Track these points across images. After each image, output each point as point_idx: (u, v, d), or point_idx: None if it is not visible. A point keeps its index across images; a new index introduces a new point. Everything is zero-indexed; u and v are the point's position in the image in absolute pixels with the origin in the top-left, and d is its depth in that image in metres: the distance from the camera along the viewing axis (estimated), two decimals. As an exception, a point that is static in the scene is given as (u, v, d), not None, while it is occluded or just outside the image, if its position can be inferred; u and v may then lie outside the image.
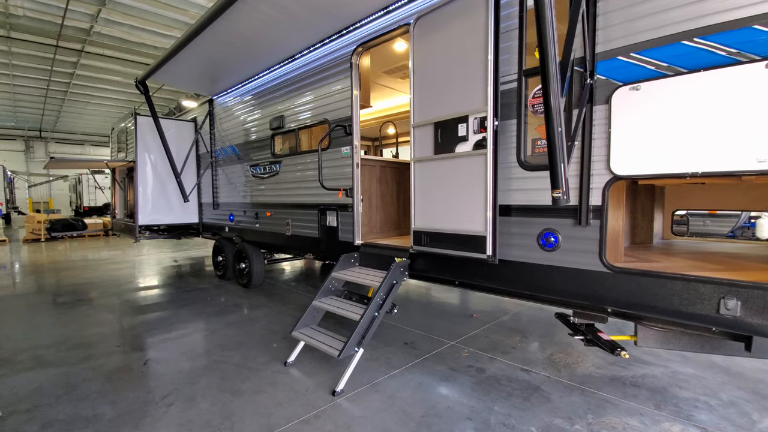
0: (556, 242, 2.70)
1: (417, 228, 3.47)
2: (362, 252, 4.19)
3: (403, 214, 5.17)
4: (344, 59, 4.24)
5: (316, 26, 4.12)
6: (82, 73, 16.48)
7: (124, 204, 8.86)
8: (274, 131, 5.49)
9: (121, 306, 5.70)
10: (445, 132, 3.18)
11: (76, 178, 25.70)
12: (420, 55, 3.39)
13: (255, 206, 6.08)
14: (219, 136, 7.02)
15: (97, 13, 11.63)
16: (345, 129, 4.26)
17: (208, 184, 7.43)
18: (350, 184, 4.29)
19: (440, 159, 3.24)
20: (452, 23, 3.11)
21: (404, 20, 3.59)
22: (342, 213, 4.45)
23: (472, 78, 2.98)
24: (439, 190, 3.26)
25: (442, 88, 3.22)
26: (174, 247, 12.15)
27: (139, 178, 7.17)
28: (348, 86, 4.25)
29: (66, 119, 24.75)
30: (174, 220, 7.65)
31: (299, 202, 5.11)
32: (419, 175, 3.44)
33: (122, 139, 8.45)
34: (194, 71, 5.82)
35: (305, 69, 4.80)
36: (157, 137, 7.23)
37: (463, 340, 4.27)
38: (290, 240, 5.33)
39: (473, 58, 2.97)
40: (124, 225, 8.14)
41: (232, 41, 4.59)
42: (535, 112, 2.76)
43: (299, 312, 5.25)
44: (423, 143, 3.39)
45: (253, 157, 6.03)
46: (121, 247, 12.57)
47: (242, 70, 5.66)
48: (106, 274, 8.16)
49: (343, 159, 4.37)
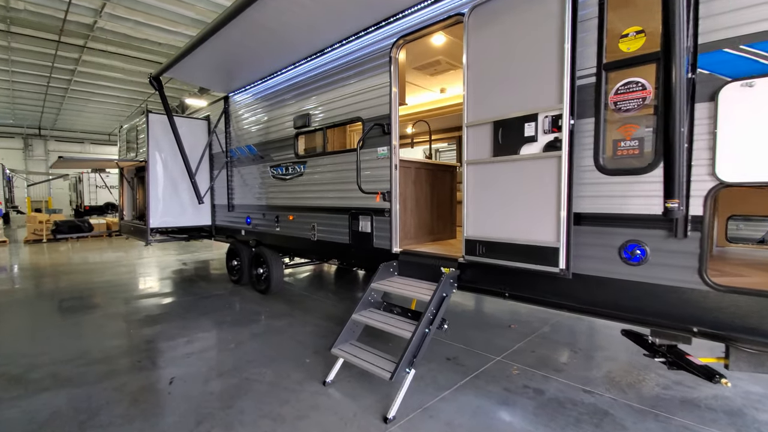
0: (643, 255, 2.42)
1: (470, 236, 3.19)
2: (401, 260, 3.90)
3: (437, 218, 4.88)
4: (383, 53, 3.94)
5: (354, 17, 3.83)
6: (84, 70, 16.11)
7: (133, 205, 8.55)
8: (298, 130, 5.19)
9: (136, 314, 5.40)
10: (507, 132, 2.90)
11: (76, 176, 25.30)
12: (476, 48, 3.10)
13: (275, 209, 5.78)
14: (235, 135, 6.71)
15: (101, 8, 11.27)
16: (383, 128, 3.97)
17: (222, 186, 7.12)
18: (387, 187, 4.00)
19: (500, 162, 2.95)
20: (517, 12, 2.82)
21: (455, 10, 3.29)
22: (377, 218, 4.16)
23: (543, 72, 2.69)
24: (498, 195, 2.98)
25: (503, 84, 2.93)
26: (180, 249, 11.83)
27: (151, 179, 6.86)
28: (386, 82, 3.96)
29: (66, 117, 24.35)
30: (186, 222, 7.35)
31: (327, 206, 4.81)
32: (473, 179, 3.15)
33: (132, 138, 8.14)
34: (212, 67, 5.51)
35: (337, 64, 4.50)
36: (168, 136, 6.91)
37: (508, 354, 3.99)
38: (316, 246, 5.04)
39: (544, 50, 2.68)
40: (133, 227, 7.83)
41: (258, 34, 4.29)
42: (618, 109, 2.47)
43: (325, 322, 4.97)
44: (478, 144, 3.10)
45: (274, 157, 5.73)
46: (124, 248, 12.25)
47: (264, 66, 5.35)
48: (114, 277, 7.86)
49: (379, 160, 4.08)
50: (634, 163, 2.42)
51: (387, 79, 3.94)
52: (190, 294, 6.48)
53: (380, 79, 4.01)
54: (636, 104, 2.39)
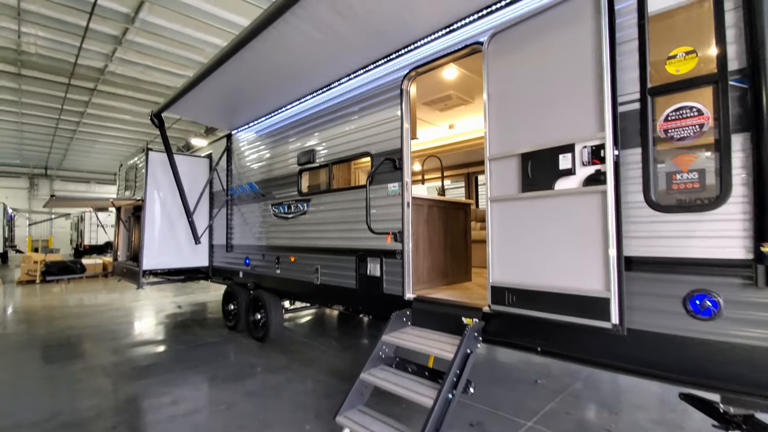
0: (715, 308, 2.01)
1: (497, 283, 2.79)
2: (416, 309, 3.47)
3: (451, 260, 4.49)
4: (393, 85, 3.74)
5: (364, 49, 3.66)
6: (93, 112, 16.37)
7: (128, 245, 8.20)
8: (302, 166, 4.93)
9: (120, 366, 4.89)
10: (538, 165, 2.58)
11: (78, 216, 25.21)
12: (497, 77, 2.86)
13: (276, 249, 5.41)
14: (236, 173, 6.48)
15: (113, 53, 11.54)
16: (394, 163, 3.68)
17: (221, 225, 6.80)
18: (398, 227, 3.65)
19: (531, 198, 2.61)
20: (543, 37, 2.60)
21: (473, 39, 3.10)
22: (387, 260, 3.77)
23: (578, 99, 2.42)
24: (530, 235, 2.61)
25: (531, 113, 2.65)
26: (176, 291, 11.33)
27: (147, 217, 6.56)
28: (396, 115, 3.72)
29: (73, 157, 24.63)
30: (182, 263, 6.96)
31: (332, 247, 4.44)
32: (499, 218, 2.80)
33: (131, 177, 7.94)
34: (215, 103, 5.36)
35: (344, 98, 4.31)
36: (168, 174, 6.70)
37: (540, 418, 3.46)
38: (319, 290, 4.61)
39: (578, 75, 2.42)
40: (126, 269, 7.43)
41: (263, 68, 4.13)
42: (669, 138, 2.16)
43: (327, 377, 4.45)
44: (504, 179, 2.78)
45: (276, 195, 5.44)
46: (119, 289, 11.75)
47: (269, 102, 5.19)
48: (103, 323, 7.34)
49: (390, 197, 3.76)
50: (695, 199, 2.07)
51: (398, 112, 3.71)
52: (182, 342, 5.96)
53: (390, 112, 3.78)
54: (692, 132, 2.08)
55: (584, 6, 2.40)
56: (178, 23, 9.86)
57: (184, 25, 10.00)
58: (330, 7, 3.05)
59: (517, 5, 2.81)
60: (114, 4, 9.05)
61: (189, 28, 10.15)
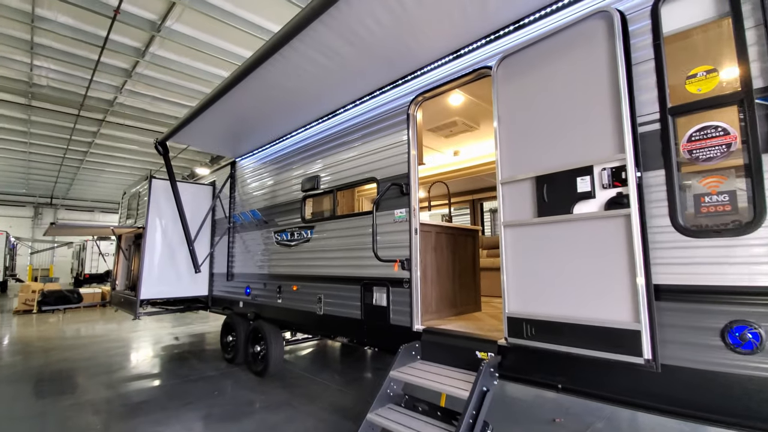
0: (756, 340, 1.84)
1: (514, 313, 2.61)
2: (425, 341, 3.27)
3: (459, 288, 4.31)
4: (400, 110, 3.71)
5: (370, 75, 3.65)
6: (101, 142, 16.62)
7: (127, 274, 8.04)
8: (306, 193, 4.85)
9: (110, 403, 4.62)
10: (554, 188, 2.47)
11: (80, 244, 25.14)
12: (507, 100, 2.80)
13: (278, 278, 5.24)
14: (239, 200, 6.41)
15: (122, 85, 11.81)
16: (401, 188, 3.59)
17: (222, 253, 6.66)
18: (405, 254, 3.51)
19: (548, 223, 2.49)
20: (554, 59, 2.56)
21: (481, 63, 3.08)
22: (394, 289, 3.60)
23: (594, 120, 2.34)
24: (548, 263, 2.47)
25: (544, 135, 2.57)
26: (174, 321, 11.03)
27: (148, 245, 6.44)
28: (403, 140, 3.67)
29: (79, 186, 24.86)
30: (182, 292, 6.78)
31: (335, 275, 4.28)
32: (513, 244, 2.66)
33: (133, 205, 7.90)
34: (220, 130, 5.36)
35: (350, 123, 4.28)
36: (170, 202, 6.65)
37: (562, 464, 3.17)
38: (322, 321, 4.41)
39: (593, 97, 2.35)
40: (123, 298, 7.23)
41: (269, 95, 4.13)
42: (694, 159, 2.06)
43: (331, 415, 4.17)
44: (518, 203, 2.67)
45: (279, 222, 5.34)
46: (117, 319, 11.47)
47: (273, 129, 5.18)
48: (97, 354, 7.07)
49: (396, 224, 3.64)
50: (727, 223, 1.94)
51: (404, 137, 3.65)
52: (177, 376, 5.68)
53: (397, 137, 3.73)
54: (719, 152, 1.98)
55: (596, 28, 2.36)
56: (187, 56, 10.13)
57: (194, 59, 10.27)
58: (337, 34, 3.05)
59: (527, 29, 2.80)
60: (126, 38, 9.32)
61: (198, 62, 10.42)
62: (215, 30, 8.86)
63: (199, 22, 8.60)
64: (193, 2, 7.80)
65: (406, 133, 3.61)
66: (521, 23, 2.82)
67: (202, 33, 9.10)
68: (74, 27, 8.86)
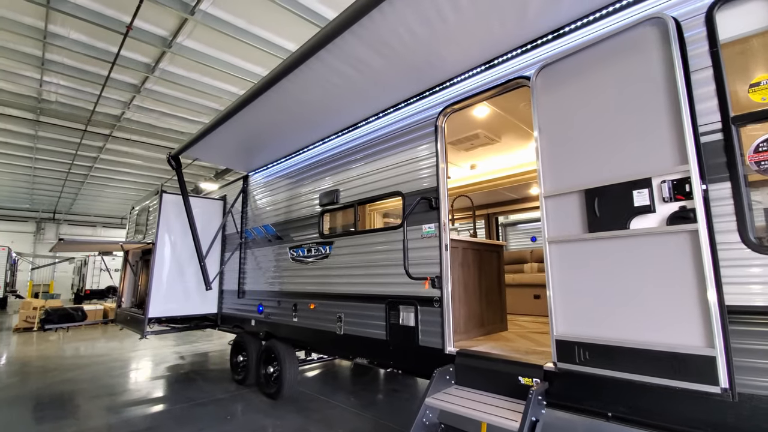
0: None
1: (563, 336, 2.44)
2: (460, 365, 3.08)
3: (486, 307, 4.13)
4: (427, 122, 3.60)
5: (398, 86, 3.56)
6: (106, 157, 16.61)
7: (134, 291, 7.85)
8: (324, 207, 4.72)
9: (113, 429, 4.38)
10: (606, 202, 2.34)
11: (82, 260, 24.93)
12: (548, 111, 2.70)
13: (293, 296, 5.06)
14: (251, 215, 6.28)
15: (131, 101, 11.83)
16: (430, 202, 3.45)
17: (233, 269, 6.50)
18: (435, 271, 3.35)
19: (600, 239, 2.34)
20: (601, 68, 2.46)
21: (516, 73, 2.98)
22: (423, 308, 3.43)
23: (650, 130, 2.22)
24: (603, 281, 2.31)
25: (591, 146, 2.45)
26: (178, 340, 10.76)
27: (157, 261, 6.28)
28: (430, 152, 3.55)
29: (82, 201, 24.79)
30: (191, 310, 6.59)
31: (357, 293, 4.11)
32: (560, 261, 2.51)
33: (141, 221, 7.76)
34: (235, 145, 5.27)
35: (373, 136, 4.18)
36: (181, 217, 6.52)
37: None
38: (342, 340, 4.22)
39: (647, 105, 2.24)
40: (129, 316, 7.03)
41: (290, 107, 4.04)
42: (764, 171, 1.93)
43: (353, 442, 3.93)
44: (564, 218, 2.53)
45: (294, 237, 5.19)
46: (119, 337, 11.20)
47: (292, 142, 5.09)
48: (100, 375, 6.82)
49: (425, 239, 3.49)
50: (812, 238, 1.79)
51: (432, 149, 3.54)
52: (185, 399, 5.44)
53: (425, 150, 3.61)
54: (793, 163, 1.85)
55: (648, 36, 2.27)
56: (196, 72, 10.15)
57: (203, 74, 10.29)
58: (367, 45, 2.97)
59: (568, 38, 2.71)
60: (136, 54, 9.35)
61: (207, 77, 10.44)
62: (226, 46, 8.89)
63: (211, 39, 8.63)
64: (206, 18, 7.82)
65: (435, 146, 3.50)
66: (562, 31, 2.74)
67: (213, 49, 9.13)
68: (86, 43, 8.89)
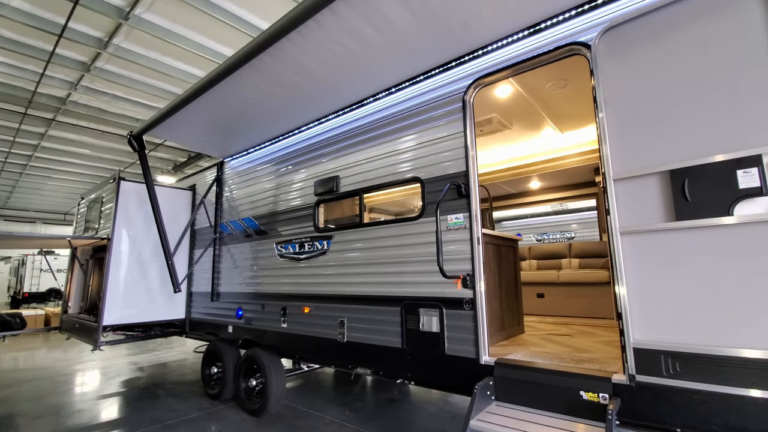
0: None
1: (643, 344, 2.05)
2: (500, 377, 2.64)
3: (506, 308, 3.74)
4: (453, 97, 3.13)
5: (425, 53, 3.05)
6: (48, 145, 14.85)
7: (83, 294, 6.82)
8: (320, 197, 4.14)
9: (64, 465, 3.59)
10: (699, 184, 1.97)
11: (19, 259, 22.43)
12: (615, 80, 2.30)
13: (281, 298, 4.44)
14: (228, 207, 5.55)
15: (78, 81, 10.52)
16: (458, 189, 2.99)
17: (206, 269, 5.74)
18: (466, 268, 2.90)
19: (692, 228, 1.97)
20: (685, 28, 2.09)
21: (570, 38, 2.58)
22: (450, 312, 2.96)
23: (755, 98, 1.86)
24: (698, 279, 1.94)
25: (676, 118, 2.08)
26: (133, 348, 9.66)
27: (113, 260, 5.42)
28: (456, 132, 3.09)
29: (20, 195, 22.24)
30: (154, 316, 5.77)
31: (364, 294, 3.58)
32: (636, 255, 2.12)
33: (93, 214, 6.75)
34: (210, 124, 4.56)
35: (383, 114, 3.65)
36: (142, 209, 5.71)
37: None
38: (345, 349, 3.67)
39: (752, 70, 1.89)
40: (78, 324, 6.06)
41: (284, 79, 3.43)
42: None
43: (360, 467, 3.40)
44: (641, 204, 2.14)
45: (283, 231, 4.56)
46: (64, 347, 9.93)
47: (277, 124, 4.45)
48: (44, 392, 5.82)
49: (451, 231, 3.03)
50: None
51: (459, 128, 3.07)
52: (152, 420, 4.65)
53: (449, 128, 3.14)
54: None
55: (751, -15, 1.91)
56: (156, 50, 9.10)
57: (163, 53, 9.24)
58: None
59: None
60: (86, 27, 8.21)
61: (168, 57, 9.40)
62: (191, 21, 7.95)
63: (174, 12, 7.67)
64: (171, -14, 6.94)
65: (462, 124, 3.04)
66: (632, -13, 2.36)
67: (176, 24, 8.14)
68: (28, 12, 7.68)
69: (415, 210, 3.32)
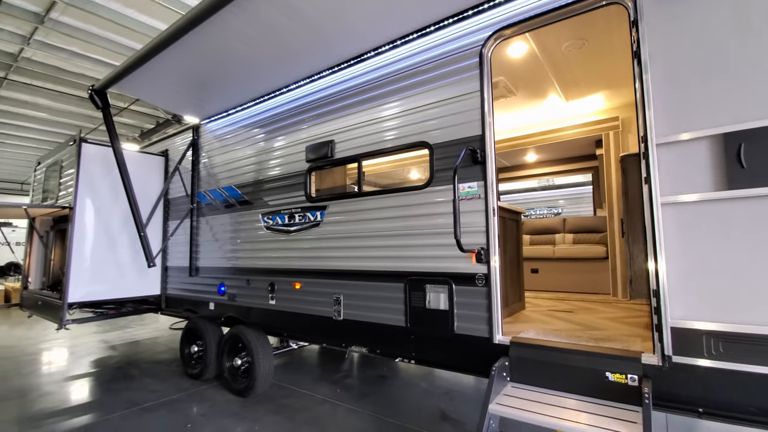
0: None
1: (683, 323, 1.90)
2: (516, 357, 2.47)
3: (509, 284, 3.58)
4: (469, 51, 2.80)
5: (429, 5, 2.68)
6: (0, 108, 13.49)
7: (44, 269, 6.26)
8: (313, 163, 3.78)
9: (30, 455, 3.26)
10: (758, 149, 1.77)
11: (-30, 232, 20.81)
12: (663, 32, 2.05)
13: (269, 273, 4.13)
14: (207, 175, 5.09)
15: (31, 35, 9.39)
16: (473, 155, 2.71)
17: (183, 242, 5.32)
18: (480, 242, 2.67)
19: (748, 198, 1.78)
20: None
21: (608, -17, 2.28)
22: (460, 288, 2.75)
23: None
24: (752, 253, 1.77)
25: (734, 75, 1.85)
26: (104, 325, 9.14)
27: (76, 232, 4.93)
28: (471, 91, 2.78)
29: (-33, 162, 20.44)
30: (125, 293, 5.36)
31: (363, 269, 3.32)
32: (681, 227, 1.94)
33: (51, 181, 6.11)
34: (185, 79, 4.06)
35: (386, 71, 3.28)
36: (108, 175, 5.20)
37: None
38: (341, 327, 3.44)
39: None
40: (41, 301, 5.57)
41: (271, 26, 3.00)
42: None
43: (357, 448, 3.24)
44: (687, 171, 1.94)
45: (269, 201, 4.20)
46: (27, 323, 9.30)
47: (264, 80, 4.00)
48: (6, 374, 5.36)
49: (464, 202, 2.77)
50: None
51: (474, 86, 2.77)
52: (127, 402, 4.34)
53: (462, 87, 2.83)
54: None
55: None
56: (118, 1, 8.17)
57: (126, 5, 8.29)
58: None
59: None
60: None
61: (132, 9, 8.45)
62: (159, -33, 7.13)
63: (140, -45, 6.84)
64: None
65: (479, 82, 2.73)
66: None
67: (142, -30, 7.31)
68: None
69: (426, 176, 3.03)
